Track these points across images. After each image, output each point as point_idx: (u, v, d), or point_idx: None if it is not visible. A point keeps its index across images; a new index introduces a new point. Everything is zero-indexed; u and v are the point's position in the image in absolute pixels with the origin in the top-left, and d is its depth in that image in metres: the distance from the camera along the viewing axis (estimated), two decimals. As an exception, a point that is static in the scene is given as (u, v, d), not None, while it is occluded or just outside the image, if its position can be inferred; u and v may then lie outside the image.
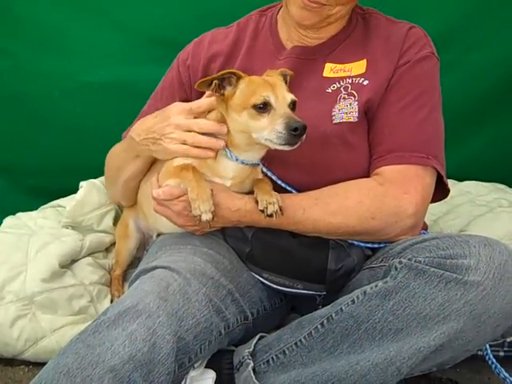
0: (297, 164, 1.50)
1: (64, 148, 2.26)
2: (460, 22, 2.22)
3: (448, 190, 1.58)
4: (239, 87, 1.41)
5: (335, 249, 1.46)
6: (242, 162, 1.46)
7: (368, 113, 1.52)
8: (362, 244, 1.49)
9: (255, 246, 1.49)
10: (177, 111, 1.45)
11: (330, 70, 1.56)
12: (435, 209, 2.05)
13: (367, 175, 1.51)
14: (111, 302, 1.72)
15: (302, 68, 1.57)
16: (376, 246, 1.50)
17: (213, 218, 1.39)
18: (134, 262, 1.82)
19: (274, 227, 1.46)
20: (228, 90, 1.41)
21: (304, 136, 1.34)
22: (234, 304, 1.42)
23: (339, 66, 1.55)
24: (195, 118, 1.45)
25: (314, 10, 1.49)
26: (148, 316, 1.24)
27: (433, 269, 1.27)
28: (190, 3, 2.15)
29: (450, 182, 2.22)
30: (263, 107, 1.36)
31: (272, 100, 1.36)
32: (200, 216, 1.38)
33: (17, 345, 1.60)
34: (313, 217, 1.44)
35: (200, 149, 1.43)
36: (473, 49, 2.25)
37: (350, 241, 1.49)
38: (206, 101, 1.46)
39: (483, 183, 2.30)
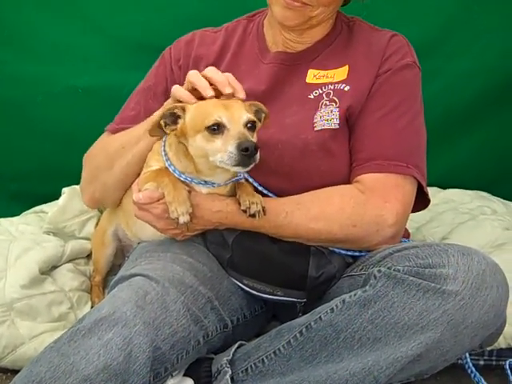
0: (277, 171, 1.50)
1: (48, 153, 2.24)
2: (442, 30, 2.23)
3: (429, 200, 1.58)
4: (188, 115, 1.37)
5: (316, 255, 1.45)
6: (213, 185, 1.44)
7: (349, 120, 1.52)
8: (342, 252, 1.49)
9: (236, 251, 1.48)
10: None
11: (312, 76, 1.56)
12: (418, 216, 2.05)
13: (347, 182, 1.51)
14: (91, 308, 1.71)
15: (286, 74, 1.57)
16: (357, 253, 1.50)
17: (191, 220, 1.37)
18: (114, 268, 1.80)
19: (256, 230, 1.45)
20: (180, 123, 1.38)
21: (257, 156, 1.31)
22: (213, 312, 1.41)
23: (322, 72, 1.56)
24: None
25: (297, 9, 1.48)
26: (124, 325, 1.23)
27: (411, 278, 1.27)
28: (174, 9, 2.15)
29: (434, 190, 2.27)
30: (217, 129, 1.32)
31: (225, 120, 1.33)
32: (177, 219, 1.36)
33: (-6, 352, 1.58)
34: (295, 221, 1.44)
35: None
36: (455, 56, 2.26)
37: (331, 248, 1.48)
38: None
39: (467, 191, 2.31)
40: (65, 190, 1.92)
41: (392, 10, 2.15)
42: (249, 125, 1.36)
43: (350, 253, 1.49)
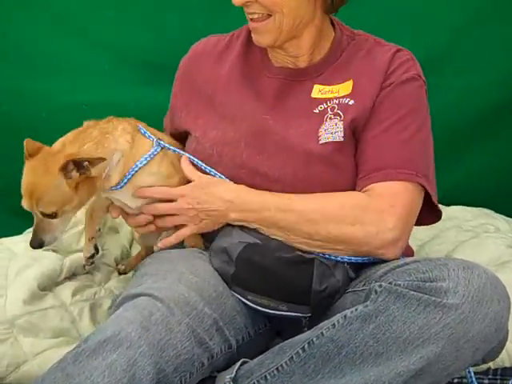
0: (279, 179, 1.53)
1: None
2: (448, 45, 2.25)
3: (440, 212, 1.59)
4: None
5: (319, 268, 1.46)
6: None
7: (355, 133, 1.54)
8: (345, 258, 1.49)
9: (239, 266, 1.48)
10: None
11: (318, 91, 1.58)
12: (422, 234, 2.06)
13: None
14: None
15: (290, 88, 1.60)
16: (360, 260, 1.50)
17: None
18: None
19: (260, 213, 1.49)
20: None
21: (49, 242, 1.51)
22: (218, 333, 1.41)
23: (327, 88, 1.57)
24: None
25: (260, 29, 1.52)
26: (129, 346, 1.23)
27: (412, 292, 1.27)
28: (178, 26, 2.18)
29: (437, 207, 2.26)
30: None
31: (28, 209, 1.47)
32: None
33: (-2, 370, 1.58)
34: (297, 207, 1.47)
35: None
36: (461, 72, 2.27)
37: (333, 256, 1.48)
38: None
39: (470, 208, 2.30)
40: None
41: (397, 24, 2.17)
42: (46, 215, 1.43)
43: (353, 260, 1.50)
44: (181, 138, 1.73)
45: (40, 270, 1.73)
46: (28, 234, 2.02)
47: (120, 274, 1.93)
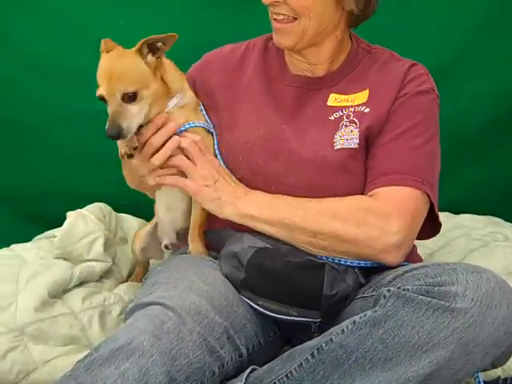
0: (294, 185, 1.55)
1: (62, 176, 2.29)
2: (454, 55, 2.28)
3: (440, 225, 1.59)
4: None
5: (330, 273, 1.46)
6: None
7: (368, 140, 1.56)
8: (355, 263, 1.49)
9: (250, 271, 1.49)
10: None
11: (334, 99, 1.60)
12: (431, 242, 2.04)
13: None
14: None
15: (307, 96, 1.62)
16: (369, 265, 1.50)
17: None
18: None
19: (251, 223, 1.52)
20: None
21: (128, 133, 1.44)
22: (229, 342, 1.41)
23: (343, 97, 1.60)
24: None
25: (284, 29, 1.54)
26: (141, 355, 1.23)
27: (421, 296, 1.27)
28: (186, 34, 2.17)
29: (446, 215, 2.27)
30: (102, 99, 1.42)
31: (104, 95, 1.41)
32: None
33: (8, 378, 1.58)
34: (306, 206, 1.50)
35: None
36: (468, 81, 2.29)
37: (342, 261, 1.49)
38: None
39: (479, 216, 2.30)
40: (69, 213, 1.94)
41: (403, 35, 2.20)
42: (126, 97, 1.41)
43: (362, 263, 1.50)
44: None
45: (51, 278, 1.74)
46: (38, 241, 2.05)
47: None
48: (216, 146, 1.64)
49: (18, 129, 2.28)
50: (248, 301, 1.50)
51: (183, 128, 1.56)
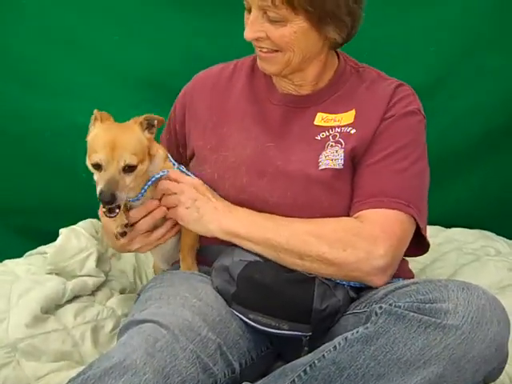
0: (280, 204, 1.55)
1: (54, 189, 2.29)
2: (442, 69, 2.30)
3: (428, 245, 1.61)
4: (92, 132, 1.54)
5: (320, 287, 1.46)
6: (133, 200, 1.60)
7: (353, 160, 1.56)
8: (345, 283, 1.50)
9: (241, 285, 1.49)
10: None
11: (321, 118, 1.61)
12: (422, 257, 2.04)
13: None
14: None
15: (294, 114, 1.63)
16: (358, 285, 1.51)
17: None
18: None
19: (236, 241, 1.52)
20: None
21: (115, 205, 1.46)
22: (222, 358, 1.40)
23: (330, 116, 1.60)
24: None
25: (268, 59, 1.56)
26: (134, 373, 1.23)
27: (412, 313, 1.27)
28: (183, 47, 2.24)
29: (437, 229, 2.28)
30: (96, 166, 1.45)
31: (103, 163, 1.44)
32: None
33: (0, 394, 1.58)
34: (292, 227, 1.50)
35: None
36: (457, 96, 2.32)
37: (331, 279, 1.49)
38: None
39: (470, 230, 2.32)
40: (62, 230, 1.94)
41: (392, 49, 2.22)
42: (126, 168, 1.46)
43: (351, 284, 1.51)
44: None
45: (43, 293, 1.73)
46: (30, 257, 2.05)
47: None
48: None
49: (12, 141, 2.28)
50: (239, 315, 1.50)
51: (158, 176, 1.60)
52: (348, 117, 1.59)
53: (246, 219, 1.54)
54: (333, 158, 1.54)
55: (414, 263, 1.84)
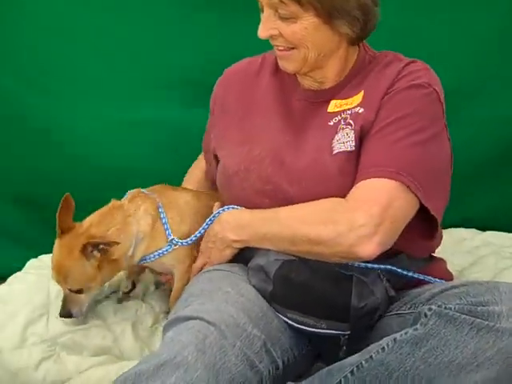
0: (302, 200, 1.52)
1: (91, 185, 2.31)
2: (471, 78, 2.28)
3: (440, 232, 1.60)
4: None
5: (358, 285, 1.45)
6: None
7: (362, 140, 1.53)
8: (369, 265, 1.48)
9: (277, 284, 1.48)
10: None
11: (334, 105, 1.60)
12: (460, 260, 2.05)
13: None
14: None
15: (314, 107, 1.62)
16: (376, 266, 1.48)
17: None
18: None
19: (246, 245, 1.56)
20: None
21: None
22: (267, 355, 1.40)
23: (343, 101, 1.59)
24: None
25: (286, 57, 1.55)
26: (186, 369, 1.23)
27: (463, 316, 1.26)
28: (213, 45, 2.25)
29: (472, 232, 2.26)
30: None
31: (55, 282, 1.58)
32: None
33: (42, 387, 1.59)
34: (281, 214, 1.51)
35: None
36: (493, 102, 2.30)
37: (362, 264, 1.48)
38: None
39: (507, 234, 2.28)
40: None
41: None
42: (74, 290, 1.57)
43: (369, 265, 1.48)
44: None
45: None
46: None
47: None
48: None
49: (49, 138, 2.32)
50: (278, 314, 1.49)
51: (153, 259, 1.67)
52: (357, 98, 1.57)
53: (241, 221, 1.57)
54: (344, 140, 1.52)
55: (452, 265, 1.81)
